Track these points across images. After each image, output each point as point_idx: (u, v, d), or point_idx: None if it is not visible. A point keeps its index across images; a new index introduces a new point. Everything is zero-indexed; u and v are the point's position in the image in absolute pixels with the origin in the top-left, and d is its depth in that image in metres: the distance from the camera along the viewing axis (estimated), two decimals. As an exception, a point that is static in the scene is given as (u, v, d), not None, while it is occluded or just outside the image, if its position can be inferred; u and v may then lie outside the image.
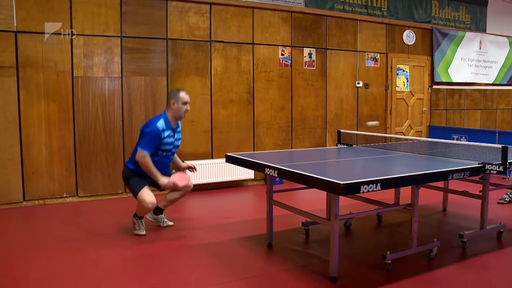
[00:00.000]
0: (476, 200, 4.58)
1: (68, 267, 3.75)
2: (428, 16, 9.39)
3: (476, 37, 10.21)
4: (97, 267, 3.78)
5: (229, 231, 4.80)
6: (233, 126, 7.10)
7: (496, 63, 10.70)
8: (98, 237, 4.58)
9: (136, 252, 4.15)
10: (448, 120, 10.06)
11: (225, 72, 6.98)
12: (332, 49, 8.01)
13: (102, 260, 3.93)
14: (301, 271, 3.71)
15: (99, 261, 3.90)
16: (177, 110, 4.50)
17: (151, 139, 4.36)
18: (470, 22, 10.20)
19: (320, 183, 3.13)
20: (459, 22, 10.00)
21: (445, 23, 9.73)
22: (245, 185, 7.24)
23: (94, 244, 4.34)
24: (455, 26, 9.90)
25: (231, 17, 6.99)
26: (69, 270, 3.69)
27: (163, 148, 4.50)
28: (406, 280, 3.52)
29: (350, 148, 5.31)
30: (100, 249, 4.20)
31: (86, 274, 3.62)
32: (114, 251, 4.16)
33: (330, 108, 8.05)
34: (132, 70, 6.32)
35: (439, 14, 9.61)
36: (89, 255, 4.05)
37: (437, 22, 9.56)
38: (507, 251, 4.26)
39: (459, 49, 9.91)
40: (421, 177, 3.50)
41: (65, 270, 3.70)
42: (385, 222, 5.16)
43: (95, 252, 4.12)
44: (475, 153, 4.44)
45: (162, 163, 4.59)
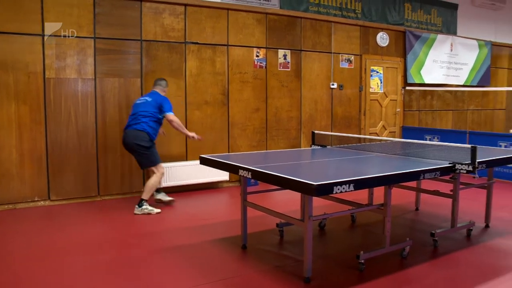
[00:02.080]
0: (447, 199, 4.66)
1: (40, 273, 3.69)
2: (401, 19, 9.53)
3: (447, 40, 10.41)
4: (69, 272, 3.72)
5: (204, 233, 4.79)
6: (208, 128, 7.08)
7: (466, 65, 10.92)
8: (70, 241, 4.51)
9: (110, 256, 4.11)
10: (421, 120, 10.23)
11: (199, 73, 6.96)
12: (307, 50, 8.06)
13: (74, 265, 3.88)
14: (276, 272, 3.72)
15: (71, 266, 3.84)
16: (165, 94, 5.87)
17: (169, 105, 5.70)
18: (441, 25, 10.39)
19: (293, 184, 3.15)
20: (431, 24, 10.18)
21: (418, 25, 9.89)
22: (220, 187, 7.23)
23: (66, 249, 4.27)
24: (427, 28, 10.07)
25: (206, 18, 6.97)
26: (41, 276, 3.63)
27: None
28: (379, 279, 3.57)
29: (324, 149, 5.35)
30: (72, 254, 4.14)
31: (58, 280, 3.56)
32: (87, 255, 4.10)
33: (305, 109, 8.10)
34: (105, 72, 6.25)
35: (412, 16, 9.77)
36: (61, 260, 3.98)
37: (410, 25, 9.71)
38: (476, 248, 4.36)
39: (431, 51, 10.09)
40: (393, 177, 3.55)
41: (37, 275, 3.63)
42: (359, 222, 5.21)
43: (67, 257, 4.06)
44: (446, 153, 4.53)
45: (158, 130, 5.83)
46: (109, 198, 6.32)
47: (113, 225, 5.15)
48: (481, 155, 4.46)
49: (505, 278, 3.63)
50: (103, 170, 6.28)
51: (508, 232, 4.84)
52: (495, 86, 11.76)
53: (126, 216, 5.52)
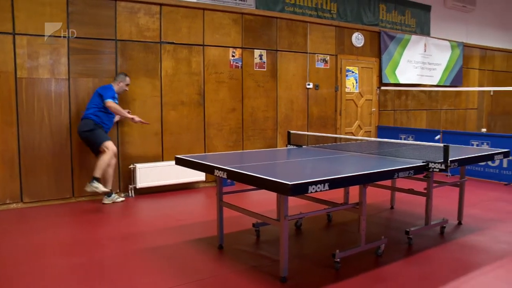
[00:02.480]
0: (422, 197, 4.73)
1: (13, 277, 3.61)
2: (376, 19, 9.64)
3: (421, 40, 10.57)
4: (44, 275, 3.65)
5: (180, 233, 4.76)
6: (184, 128, 7.05)
7: (439, 65, 11.11)
8: (44, 244, 4.43)
9: (85, 258, 4.05)
10: (396, 120, 10.36)
11: (175, 73, 6.92)
12: (283, 50, 8.09)
13: (48, 268, 3.81)
14: (252, 272, 3.73)
15: (45, 270, 3.77)
16: (120, 88, 6.18)
17: (109, 91, 5.94)
18: (415, 26, 10.55)
19: (268, 184, 3.16)
20: (405, 25, 10.32)
21: (392, 26, 10.02)
22: (197, 187, 7.20)
23: (40, 252, 4.20)
24: (401, 29, 10.21)
25: (182, 18, 6.94)
26: (14, 280, 3.56)
27: None
28: (355, 277, 3.60)
29: (300, 148, 5.38)
30: (46, 257, 4.07)
31: (33, 283, 3.50)
32: (62, 258, 4.04)
33: (281, 109, 8.13)
34: (79, 72, 6.16)
35: (386, 17, 9.89)
36: (35, 263, 3.91)
37: (384, 25, 9.83)
38: (448, 245, 4.44)
39: (406, 52, 10.24)
40: (368, 176, 3.59)
41: (10, 279, 3.56)
42: (335, 221, 5.25)
43: (41, 260, 3.99)
44: (420, 152, 4.60)
45: (111, 119, 6.11)
46: (84, 199, 6.23)
47: (88, 227, 5.09)
48: (454, 154, 4.54)
49: (475, 273, 3.71)
50: (78, 171, 6.19)
51: (479, 229, 4.94)
52: (467, 86, 12.00)
53: (101, 217, 5.46)
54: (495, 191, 6.89)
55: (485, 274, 3.70)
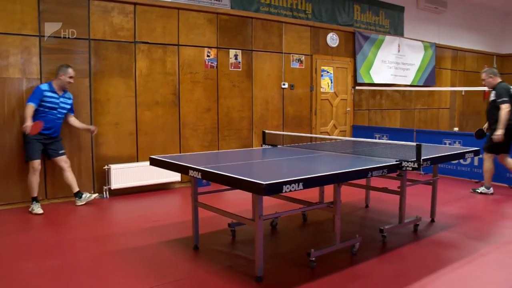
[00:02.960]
0: (396, 196, 4.79)
1: (-20, 280, 3.53)
2: (350, 20, 9.72)
3: (394, 41, 10.71)
4: (15, 280, 3.57)
5: (155, 234, 4.73)
6: (159, 128, 6.99)
7: (413, 65, 11.28)
8: (16, 248, 4.34)
9: (58, 261, 3.98)
10: (371, 119, 10.48)
11: (150, 73, 6.86)
12: (258, 50, 8.10)
13: (20, 272, 3.73)
14: (228, 272, 3.72)
15: (17, 274, 3.69)
16: (62, 81, 5.80)
17: (33, 95, 5.62)
18: (389, 26, 10.68)
19: (243, 184, 3.16)
20: (379, 26, 10.45)
21: (367, 26, 10.12)
22: (172, 188, 7.15)
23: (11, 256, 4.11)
24: (375, 30, 10.33)
25: (156, 18, 6.88)
26: (-19, 283, 3.48)
27: (47, 105, 5.66)
28: (330, 276, 3.63)
29: (275, 148, 5.39)
30: (18, 261, 3.98)
31: None
32: (34, 262, 3.95)
33: (256, 109, 8.13)
34: (52, 72, 6.03)
35: (361, 18, 9.99)
36: (7, 268, 3.83)
37: (359, 26, 9.92)
38: (422, 242, 4.52)
39: (380, 52, 10.36)
40: (342, 176, 3.62)
41: (-23, 283, 3.48)
42: (310, 221, 5.28)
43: (13, 264, 3.91)
44: (394, 151, 4.66)
45: (49, 119, 5.70)
46: (57, 201, 6.13)
47: (61, 229, 5.02)
48: (426, 152, 4.62)
49: (447, 269, 3.78)
50: (50, 172, 6.08)
51: (451, 226, 5.03)
52: (439, 86, 12.22)
53: (75, 219, 5.39)
54: (467, 188, 7.02)
55: (457, 270, 3.78)
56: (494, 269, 3.82)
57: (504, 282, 3.55)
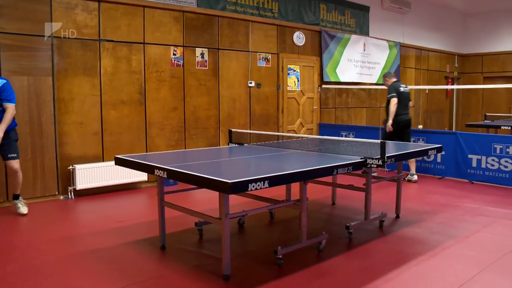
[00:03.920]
0: (362, 193, 4.86)
1: None
2: (316, 19, 9.80)
3: (360, 40, 10.86)
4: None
5: (122, 235, 4.66)
6: (125, 128, 6.89)
7: (378, 64, 11.46)
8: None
9: (20, 264, 3.87)
10: (337, 118, 10.59)
11: (115, 72, 6.75)
12: (224, 49, 8.08)
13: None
14: (195, 271, 3.70)
15: (-26, 277, 3.59)
16: None
17: None
18: (355, 25, 10.82)
19: (209, 183, 3.14)
20: (345, 25, 10.57)
21: (333, 26, 10.23)
22: (139, 188, 7.06)
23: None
24: (341, 29, 10.45)
25: (121, 15, 6.78)
26: None
27: None
28: (297, 273, 3.65)
29: (241, 147, 5.39)
30: (-24, 264, 3.87)
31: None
32: (-8, 264, 3.85)
33: (223, 107, 8.11)
34: (13, 70, 5.87)
35: (327, 17, 10.09)
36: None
37: (325, 25, 10.02)
38: (387, 238, 4.60)
39: (346, 51, 10.48)
40: (307, 173, 3.64)
41: None
42: (277, 219, 5.30)
43: (-30, 267, 3.79)
44: (359, 148, 4.72)
45: None
46: (18, 203, 5.96)
47: (24, 231, 4.89)
48: (391, 150, 4.70)
49: (411, 264, 3.86)
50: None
51: (415, 221, 5.13)
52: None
53: (38, 221, 5.25)
54: (430, 184, 7.19)
55: (420, 264, 3.86)
56: (455, 262, 3.92)
57: (464, 273, 3.65)
